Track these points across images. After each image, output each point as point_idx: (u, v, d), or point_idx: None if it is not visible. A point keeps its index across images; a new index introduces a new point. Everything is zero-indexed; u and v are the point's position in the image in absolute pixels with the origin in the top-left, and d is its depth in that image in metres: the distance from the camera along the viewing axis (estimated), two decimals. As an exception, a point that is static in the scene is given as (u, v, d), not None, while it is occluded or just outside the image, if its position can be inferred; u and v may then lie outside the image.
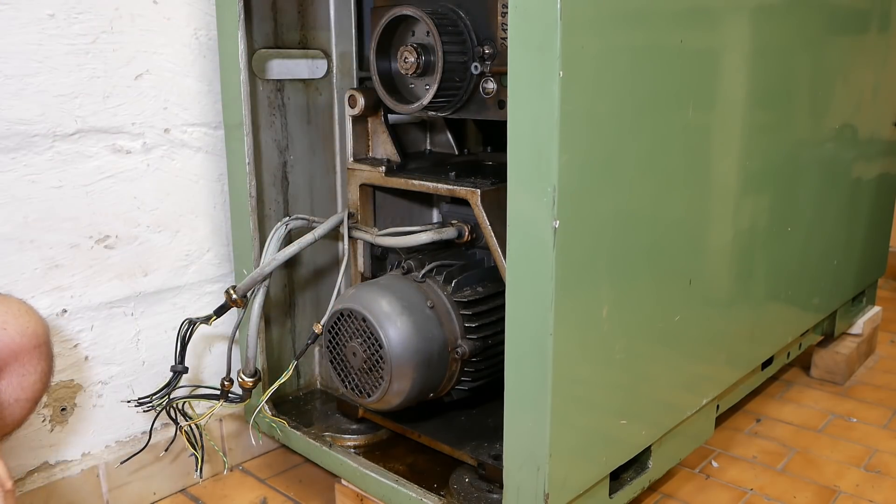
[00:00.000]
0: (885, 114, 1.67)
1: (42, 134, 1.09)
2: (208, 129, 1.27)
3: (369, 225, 1.23)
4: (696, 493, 1.30)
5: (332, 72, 1.36)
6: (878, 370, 1.80)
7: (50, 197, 1.11)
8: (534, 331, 0.87)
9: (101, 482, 1.21)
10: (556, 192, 0.82)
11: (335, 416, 1.29)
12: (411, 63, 1.03)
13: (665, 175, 1.01)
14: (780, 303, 1.41)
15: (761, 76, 1.18)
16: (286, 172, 1.33)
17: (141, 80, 1.18)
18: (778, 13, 1.20)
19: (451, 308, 1.11)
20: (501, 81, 1.00)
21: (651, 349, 1.06)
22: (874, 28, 1.55)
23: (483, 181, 1.06)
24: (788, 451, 1.44)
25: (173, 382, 1.15)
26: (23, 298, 0.95)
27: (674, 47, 0.98)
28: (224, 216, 1.32)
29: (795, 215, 1.38)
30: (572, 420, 0.93)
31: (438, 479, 1.13)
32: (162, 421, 1.18)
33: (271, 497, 1.31)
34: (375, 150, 1.22)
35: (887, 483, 1.33)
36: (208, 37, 1.25)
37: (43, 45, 1.07)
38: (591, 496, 1.02)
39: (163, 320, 1.27)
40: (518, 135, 0.84)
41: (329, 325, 1.12)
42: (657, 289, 1.04)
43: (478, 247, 1.20)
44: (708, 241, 1.14)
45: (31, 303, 1.06)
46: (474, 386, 1.16)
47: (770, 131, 1.24)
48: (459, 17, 1.01)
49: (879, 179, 1.72)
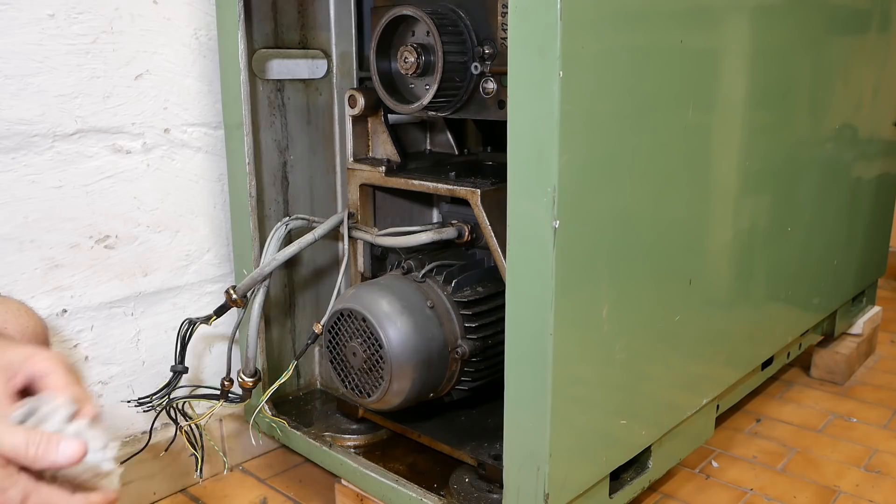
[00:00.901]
0: (885, 114, 1.67)
1: (42, 134, 1.09)
2: (208, 129, 1.27)
3: (369, 225, 1.23)
4: (696, 493, 1.30)
5: (332, 72, 1.36)
6: (878, 370, 1.80)
7: (50, 197, 1.11)
8: (534, 331, 0.87)
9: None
10: (556, 192, 0.82)
11: (335, 416, 1.29)
12: (411, 63, 1.03)
13: (665, 175, 1.01)
14: (780, 303, 1.41)
15: (761, 76, 1.18)
16: (286, 172, 1.33)
17: (141, 80, 1.18)
18: (778, 13, 1.20)
19: (451, 308, 1.11)
20: (501, 81, 1.00)
21: (651, 349, 1.06)
22: (874, 28, 1.55)
23: (483, 181, 1.06)
24: (788, 451, 1.44)
25: (173, 382, 1.15)
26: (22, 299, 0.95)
27: (674, 47, 0.98)
28: (224, 216, 1.32)
29: (795, 215, 1.38)
30: (572, 420, 0.93)
31: (438, 479, 1.13)
32: (162, 421, 1.18)
33: (271, 497, 1.31)
34: (375, 150, 1.22)
35: (887, 483, 1.33)
36: (208, 37, 1.25)
37: (43, 45, 1.07)
38: (591, 496, 1.02)
39: (163, 320, 1.27)
40: (518, 135, 0.84)
41: (329, 325, 1.12)
42: (657, 289, 1.04)
43: (478, 247, 1.20)
44: (708, 241, 1.14)
45: (32, 303, 1.06)
46: (474, 386, 1.16)
47: (770, 131, 1.24)
48: (459, 17, 1.01)
49: (879, 179, 1.72)
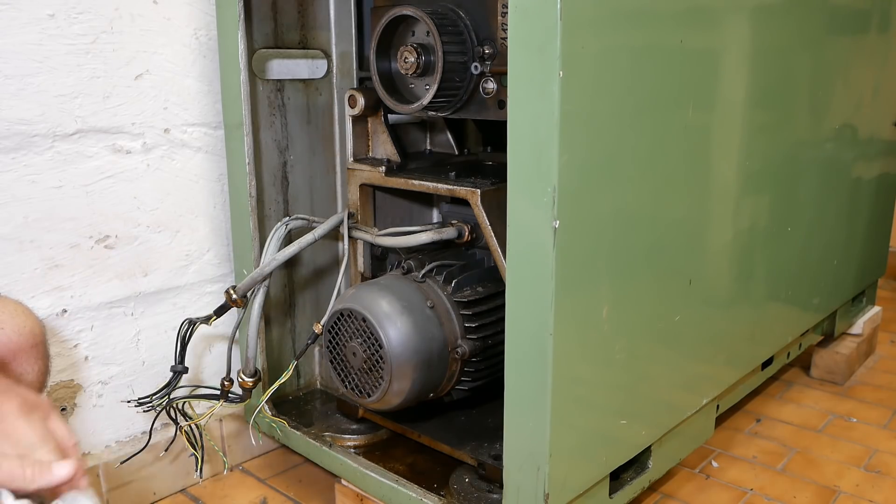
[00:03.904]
0: (885, 114, 1.67)
1: (42, 134, 1.09)
2: (208, 129, 1.27)
3: (369, 225, 1.23)
4: (696, 493, 1.30)
5: (332, 72, 1.36)
6: (878, 370, 1.80)
7: (50, 197, 1.11)
8: (534, 331, 0.87)
9: (101, 482, 1.21)
10: (556, 192, 0.82)
11: (335, 416, 1.29)
12: (411, 63, 1.03)
13: (665, 175, 1.01)
14: (780, 303, 1.41)
15: (761, 76, 1.18)
16: (286, 172, 1.33)
17: (141, 80, 1.18)
18: (778, 13, 1.20)
19: (451, 308, 1.11)
20: (501, 81, 0.99)
21: (651, 349, 1.06)
22: (874, 28, 1.55)
23: (483, 181, 1.06)
24: (788, 451, 1.44)
25: (173, 382, 1.15)
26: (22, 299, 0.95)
27: (674, 47, 0.98)
28: (224, 216, 1.32)
29: (795, 215, 1.38)
30: (572, 420, 0.93)
31: (438, 479, 1.13)
32: (162, 421, 1.18)
33: (271, 497, 1.31)
34: (375, 150, 1.22)
35: (887, 483, 1.33)
36: (208, 37, 1.25)
37: (43, 45, 1.07)
38: (591, 496, 1.02)
39: (163, 320, 1.27)
40: (518, 135, 0.84)
41: (329, 325, 1.12)
42: (657, 289, 1.04)
43: (478, 247, 1.20)
44: (708, 241, 1.14)
45: (31, 303, 1.06)
46: (474, 386, 1.16)
47: (770, 131, 1.24)
48: (459, 17, 1.01)
49: (879, 179, 1.72)
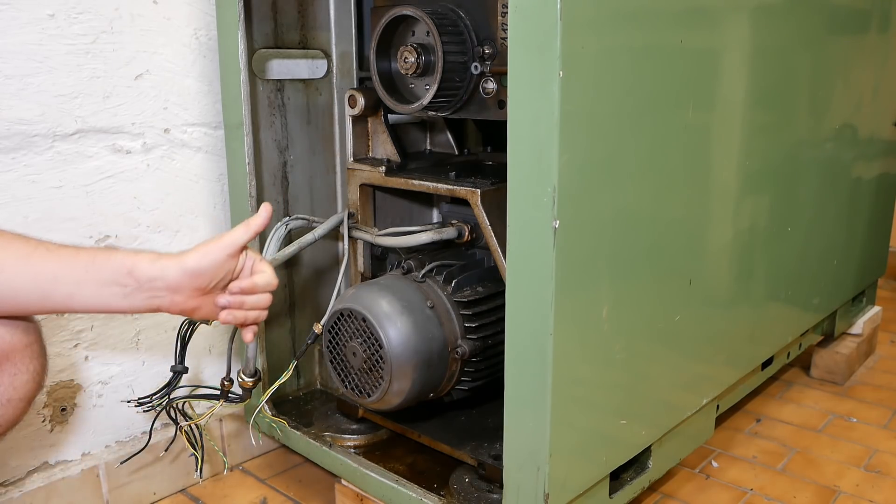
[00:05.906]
0: (885, 114, 1.67)
1: (42, 134, 1.09)
2: (208, 129, 1.27)
3: (369, 225, 1.23)
4: (696, 493, 1.30)
5: (332, 72, 1.36)
6: (878, 370, 1.80)
7: (50, 197, 1.11)
8: (534, 331, 0.87)
9: (101, 482, 1.21)
10: (556, 192, 0.82)
11: (335, 416, 1.29)
12: (411, 63, 1.03)
13: (665, 175, 1.01)
14: (780, 303, 1.41)
15: (761, 76, 1.18)
16: (286, 172, 1.33)
17: (141, 80, 1.18)
18: (778, 13, 1.20)
19: (451, 308, 1.11)
20: (501, 81, 1.00)
21: (651, 349, 1.06)
22: (874, 28, 1.55)
23: (483, 181, 1.06)
24: (788, 451, 1.44)
25: (173, 382, 1.14)
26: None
27: (674, 47, 0.98)
28: (224, 216, 1.31)
29: (795, 215, 1.38)
30: (572, 420, 0.93)
31: (438, 479, 1.13)
32: (162, 421, 1.18)
33: (271, 497, 1.31)
34: (375, 150, 1.22)
35: (887, 483, 1.33)
36: (208, 37, 1.24)
37: (43, 45, 1.07)
38: (591, 496, 1.02)
39: (163, 320, 1.26)
40: (518, 135, 0.84)
41: (329, 325, 1.12)
42: (657, 289, 1.04)
43: (478, 247, 1.20)
44: (708, 240, 1.14)
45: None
46: (474, 386, 1.16)
47: (770, 131, 1.24)
48: (459, 17, 1.01)
49: (879, 179, 1.72)
